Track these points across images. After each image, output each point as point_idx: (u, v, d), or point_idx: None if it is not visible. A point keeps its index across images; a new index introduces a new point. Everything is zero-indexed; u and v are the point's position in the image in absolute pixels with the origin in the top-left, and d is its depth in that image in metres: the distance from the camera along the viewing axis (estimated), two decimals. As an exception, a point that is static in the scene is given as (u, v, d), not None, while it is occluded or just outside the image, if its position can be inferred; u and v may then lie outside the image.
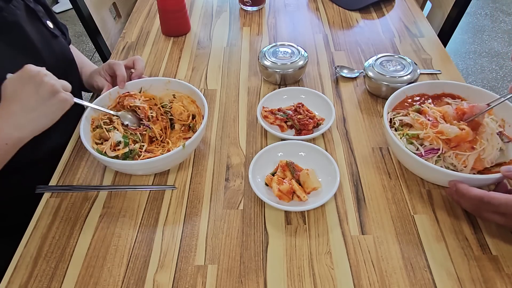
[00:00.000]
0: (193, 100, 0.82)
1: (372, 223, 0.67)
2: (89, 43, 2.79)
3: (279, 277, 0.60)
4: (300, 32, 1.15)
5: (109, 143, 0.72)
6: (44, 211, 0.70)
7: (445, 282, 0.59)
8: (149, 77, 0.87)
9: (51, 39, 0.83)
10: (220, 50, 1.09)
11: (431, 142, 0.68)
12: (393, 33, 1.13)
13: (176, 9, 1.10)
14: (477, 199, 0.60)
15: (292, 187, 0.68)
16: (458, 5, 1.18)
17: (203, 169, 0.77)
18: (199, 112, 0.81)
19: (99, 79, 0.84)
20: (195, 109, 0.82)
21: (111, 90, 0.80)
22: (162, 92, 0.84)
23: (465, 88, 0.79)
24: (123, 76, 0.80)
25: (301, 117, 0.81)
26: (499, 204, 0.58)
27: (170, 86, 0.83)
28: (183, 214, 0.69)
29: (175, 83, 0.83)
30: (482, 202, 0.59)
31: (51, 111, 0.64)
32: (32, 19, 0.80)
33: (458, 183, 0.63)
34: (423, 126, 0.70)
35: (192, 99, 0.82)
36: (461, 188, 0.62)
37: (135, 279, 0.60)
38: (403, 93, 0.79)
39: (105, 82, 0.83)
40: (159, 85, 0.83)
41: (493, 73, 2.43)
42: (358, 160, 0.77)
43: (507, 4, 3.07)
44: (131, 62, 0.84)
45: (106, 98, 0.80)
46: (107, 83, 0.83)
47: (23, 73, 0.62)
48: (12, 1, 0.75)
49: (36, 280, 0.60)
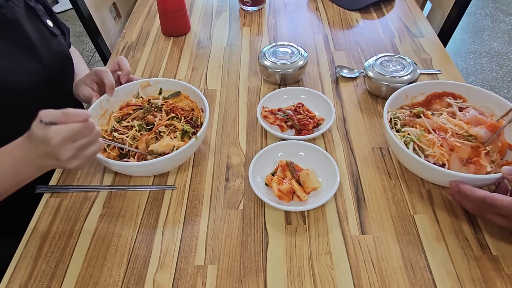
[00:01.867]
0: (186, 96, 0.83)
1: (372, 223, 0.67)
2: (89, 43, 2.79)
3: (279, 277, 0.60)
4: (300, 32, 1.15)
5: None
6: (44, 211, 0.70)
7: (445, 282, 0.59)
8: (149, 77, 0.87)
9: (50, 38, 0.83)
10: (220, 50, 1.09)
11: (436, 161, 0.68)
12: (393, 33, 1.13)
13: (176, 9, 1.10)
14: (480, 200, 0.60)
15: (292, 187, 0.68)
16: (458, 5, 1.18)
17: (203, 169, 0.77)
18: (196, 106, 0.82)
19: (85, 90, 0.81)
20: (191, 104, 0.83)
21: (101, 98, 0.78)
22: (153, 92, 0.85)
23: (465, 88, 0.79)
24: (111, 83, 0.78)
25: (301, 117, 0.81)
26: (502, 207, 0.57)
27: (160, 86, 0.84)
28: (183, 214, 0.69)
29: (164, 82, 0.84)
30: (485, 203, 0.59)
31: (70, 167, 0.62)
32: (31, 17, 0.80)
33: (460, 184, 0.62)
34: (430, 143, 0.69)
35: (184, 95, 0.84)
36: (464, 189, 0.61)
37: (135, 279, 0.60)
38: (403, 93, 0.79)
39: (92, 92, 0.80)
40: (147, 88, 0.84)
41: (493, 73, 2.43)
42: (358, 160, 0.77)
43: (507, 4, 3.07)
44: (116, 64, 0.83)
45: (97, 107, 0.78)
46: (94, 92, 0.80)
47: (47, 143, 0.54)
48: None
49: (36, 280, 0.60)
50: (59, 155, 0.56)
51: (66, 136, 0.54)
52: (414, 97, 0.81)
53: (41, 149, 0.56)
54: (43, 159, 0.58)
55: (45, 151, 0.56)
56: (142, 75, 1.01)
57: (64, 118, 0.55)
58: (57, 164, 0.59)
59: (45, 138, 0.54)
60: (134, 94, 0.84)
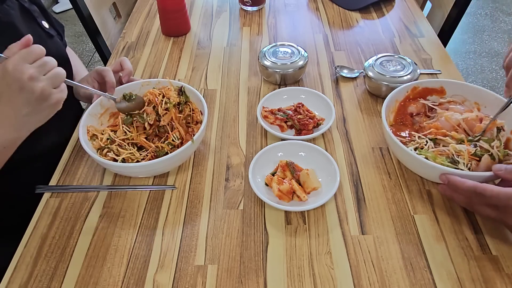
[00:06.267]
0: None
1: (372, 223, 0.67)
2: (89, 43, 2.79)
3: (279, 277, 0.60)
4: (300, 32, 1.15)
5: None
6: (44, 211, 0.70)
7: (445, 282, 0.59)
8: (149, 78, 0.87)
9: (46, 39, 0.83)
10: (220, 50, 1.09)
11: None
12: (393, 33, 1.13)
13: (176, 9, 1.10)
14: (470, 191, 0.59)
15: (292, 187, 0.68)
16: (458, 5, 1.18)
17: (203, 169, 0.77)
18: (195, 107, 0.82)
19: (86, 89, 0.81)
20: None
21: (102, 97, 0.79)
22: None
23: (464, 87, 0.79)
24: (112, 82, 0.78)
25: (301, 117, 0.81)
26: (491, 196, 0.57)
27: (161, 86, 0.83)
28: (183, 214, 0.69)
29: (164, 83, 0.83)
30: (475, 194, 0.58)
31: (45, 114, 0.61)
32: (26, 19, 0.79)
33: (450, 176, 0.62)
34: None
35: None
36: (454, 181, 0.61)
37: (135, 279, 0.60)
38: (403, 90, 0.80)
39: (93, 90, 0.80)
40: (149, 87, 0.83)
41: (493, 73, 2.43)
42: (358, 160, 0.77)
43: (507, 4, 3.07)
44: (118, 65, 0.83)
45: (97, 106, 0.79)
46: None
47: (7, 70, 0.56)
48: (6, 1, 0.75)
49: (36, 280, 0.60)
50: (19, 78, 0.56)
51: (18, 58, 0.56)
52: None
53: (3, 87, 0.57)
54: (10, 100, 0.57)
55: (6, 83, 0.56)
56: (142, 75, 1.01)
57: (10, 51, 0.58)
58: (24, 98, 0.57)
59: (5, 68, 0.56)
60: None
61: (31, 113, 0.59)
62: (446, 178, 0.63)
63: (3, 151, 0.62)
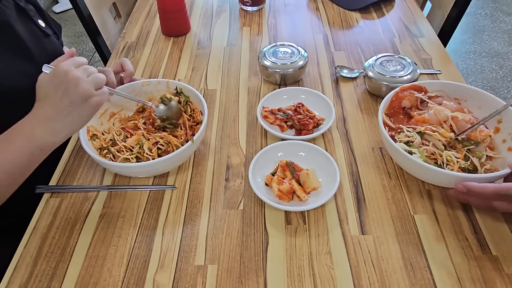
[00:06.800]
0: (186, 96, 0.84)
1: (372, 223, 0.67)
2: (89, 43, 2.79)
3: (279, 277, 0.60)
4: (300, 32, 1.15)
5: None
6: (44, 211, 0.70)
7: (445, 282, 0.59)
8: (149, 78, 0.87)
9: (42, 38, 0.82)
10: (220, 50, 1.09)
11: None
12: (393, 33, 1.13)
13: (176, 9, 1.10)
14: (493, 195, 0.59)
15: (292, 187, 0.68)
16: (458, 5, 1.18)
17: (203, 169, 0.77)
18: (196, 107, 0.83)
19: None
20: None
21: None
22: (154, 93, 0.85)
23: (463, 88, 0.79)
24: (113, 82, 0.77)
25: (301, 117, 0.81)
26: None
27: (160, 87, 0.84)
28: (183, 214, 0.69)
29: (164, 83, 0.83)
30: (498, 196, 0.59)
31: (85, 115, 0.63)
32: (22, 19, 0.79)
33: (468, 184, 0.61)
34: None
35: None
36: (473, 188, 0.60)
37: (135, 279, 0.60)
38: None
39: None
40: (149, 87, 0.84)
41: (493, 73, 2.43)
42: (358, 160, 0.77)
43: (507, 4, 3.07)
44: (119, 65, 0.83)
45: None
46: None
47: (56, 73, 0.60)
48: (1, 0, 0.75)
49: (36, 280, 0.60)
50: (67, 79, 0.60)
51: (66, 63, 0.61)
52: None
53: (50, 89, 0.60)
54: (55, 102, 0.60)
55: (54, 85, 0.60)
56: (142, 75, 1.01)
57: (57, 62, 0.63)
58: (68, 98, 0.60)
59: (54, 72, 0.60)
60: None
61: (71, 113, 0.61)
62: (464, 187, 0.62)
63: (39, 153, 0.63)
